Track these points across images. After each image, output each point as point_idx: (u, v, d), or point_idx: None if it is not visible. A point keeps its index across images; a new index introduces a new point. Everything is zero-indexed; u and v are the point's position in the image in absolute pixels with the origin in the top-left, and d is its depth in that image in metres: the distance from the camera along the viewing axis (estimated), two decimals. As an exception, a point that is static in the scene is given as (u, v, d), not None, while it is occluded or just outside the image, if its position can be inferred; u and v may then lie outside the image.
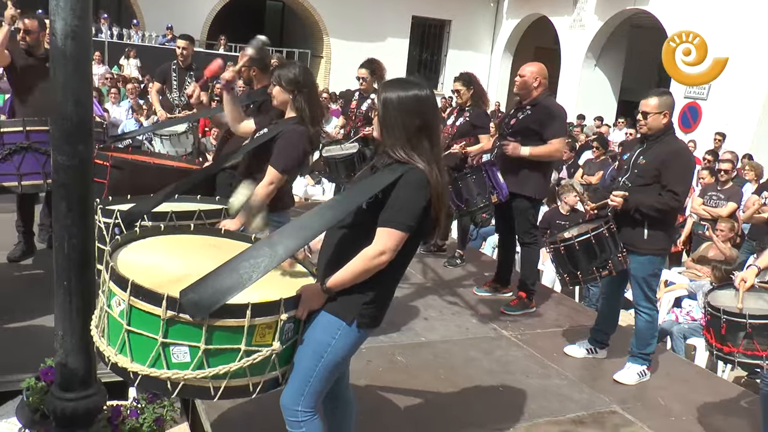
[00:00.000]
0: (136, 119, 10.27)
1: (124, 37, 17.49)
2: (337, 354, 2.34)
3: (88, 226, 2.28)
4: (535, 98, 5.03)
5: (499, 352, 4.53)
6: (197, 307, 2.03)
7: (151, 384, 2.16)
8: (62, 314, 2.31)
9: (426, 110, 2.31)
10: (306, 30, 21.93)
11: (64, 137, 2.21)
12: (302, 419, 2.37)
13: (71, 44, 2.12)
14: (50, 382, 2.62)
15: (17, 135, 4.50)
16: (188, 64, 6.58)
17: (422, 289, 5.63)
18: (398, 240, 2.24)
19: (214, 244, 2.73)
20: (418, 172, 2.25)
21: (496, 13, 22.41)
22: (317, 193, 9.71)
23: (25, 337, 3.91)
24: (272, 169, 3.34)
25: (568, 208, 7.48)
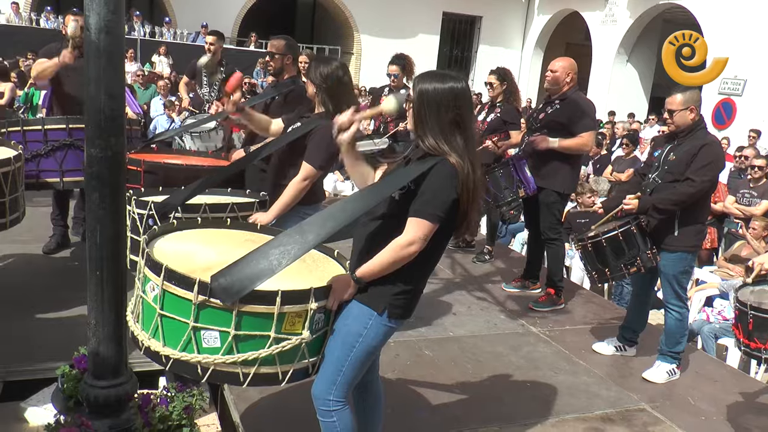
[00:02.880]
0: (168, 115, 10.41)
1: (156, 34, 17.71)
2: (368, 344, 2.37)
3: (119, 217, 2.32)
4: (563, 93, 5.00)
5: (527, 348, 4.51)
6: (227, 292, 2.08)
7: (182, 368, 2.21)
8: (94, 304, 2.35)
9: (461, 103, 2.32)
10: (336, 27, 22.00)
11: (97, 130, 2.24)
12: (333, 408, 2.40)
13: (105, 38, 2.15)
14: (83, 370, 2.68)
15: (60, 132, 4.63)
16: (218, 60, 6.65)
17: (450, 285, 5.63)
18: (427, 230, 2.26)
19: (251, 238, 2.77)
20: (449, 164, 2.26)
21: (527, 8, 22.25)
22: (346, 189, 9.72)
23: (59, 326, 4.00)
24: (308, 165, 3.36)
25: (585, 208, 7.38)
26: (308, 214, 3.29)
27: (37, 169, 4.65)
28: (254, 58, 16.54)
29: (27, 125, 4.74)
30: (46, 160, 4.66)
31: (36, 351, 3.61)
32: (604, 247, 4.14)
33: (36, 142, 4.64)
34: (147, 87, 12.50)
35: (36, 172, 4.64)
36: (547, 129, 5.00)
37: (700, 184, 3.89)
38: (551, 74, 5.01)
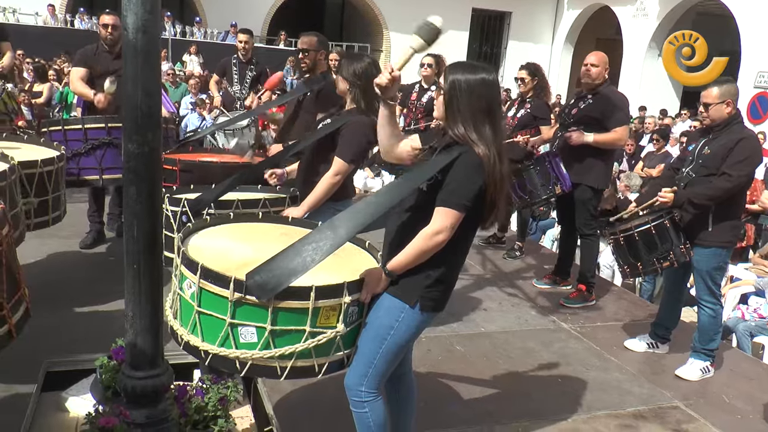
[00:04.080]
0: (199, 113, 10.53)
1: (187, 34, 17.93)
2: (400, 336, 2.39)
3: (156, 211, 2.35)
4: (596, 88, 4.96)
5: (558, 344, 4.49)
6: (262, 289, 2.12)
7: (221, 362, 2.26)
8: (132, 297, 2.38)
9: (491, 94, 2.35)
10: (365, 24, 22.03)
11: (134, 126, 2.26)
12: (366, 400, 2.43)
13: (142, 38, 2.16)
14: (121, 361, 2.73)
15: (99, 131, 4.75)
16: (249, 58, 6.72)
17: (481, 281, 5.62)
18: (454, 219, 2.27)
19: (284, 231, 2.81)
20: (474, 154, 2.28)
21: (557, 3, 22.06)
22: (376, 186, 9.73)
23: (97, 319, 4.10)
24: (339, 160, 3.38)
25: None
26: (339, 210, 3.32)
27: (78, 167, 4.78)
28: (284, 56, 16.66)
29: (67, 125, 4.87)
30: (86, 159, 4.79)
31: (75, 343, 3.70)
32: (637, 240, 4.11)
33: (76, 141, 4.76)
34: (178, 85, 12.67)
35: (77, 170, 4.78)
36: (581, 124, 4.96)
37: (736, 179, 3.83)
38: (592, 68, 4.95)
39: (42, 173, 4.02)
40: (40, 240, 5.04)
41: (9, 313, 2.30)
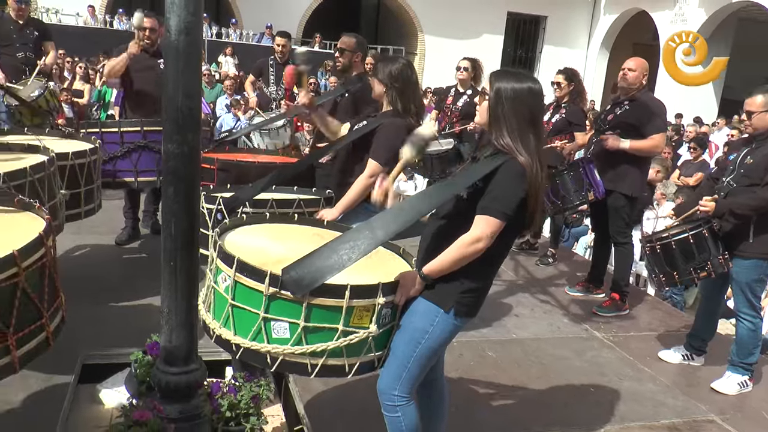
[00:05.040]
0: (234, 114, 10.64)
1: (223, 35, 18.14)
2: (434, 341, 2.38)
3: (194, 210, 2.37)
4: (633, 94, 4.89)
5: (591, 352, 4.44)
6: (298, 285, 2.13)
7: (252, 356, 2.28)
8: (168, 293, 2.40)
9: (537, 104, 2.35)
10: (400, 27, 22.06)
11: (175, 127, 2.27)
12: (398, 404, 2.42)
13: (184, 39, 2.17)
14: (156, 356, 2.76)
15: (135, 134, 4.83)
16: (285, 60, 6.77)
17: (514, 287, 5.59)
18: (495, 227, 2.26)
19: (318, 233, 2.82)
20: (517, 163, 2.27)
21: (593, 8, 21.84)
22: (410, 189, 9.72)
23: (131, 314, 4.17)
24: (374, 161, 3.38)
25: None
26: (373, 211, 3.33)
27: (114, 170, 4.86)
28: (319, 58, 16.75)
29: (105, 127, 4.97)
30: (122, 161, 4.89)
31: (110, 337, 3.76)
32: (673, 249, 4.04)
33: (113, 143, 4.85)
34: (213, 86, 12.82)
35: (113, 172, 4.85)
36: (616, 130, 4.90)
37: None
38: (629, 72, 4.88)
39: (74, 166, 4.09)
40: (77, 235, 5.14)
41: (48, 321, 2.33)
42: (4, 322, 2.10)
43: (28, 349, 2.21)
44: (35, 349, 2.25)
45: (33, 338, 2.24)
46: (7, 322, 2.10)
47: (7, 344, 2.11)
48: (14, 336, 2.13)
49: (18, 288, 2.12)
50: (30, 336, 2.23)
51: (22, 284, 2.13)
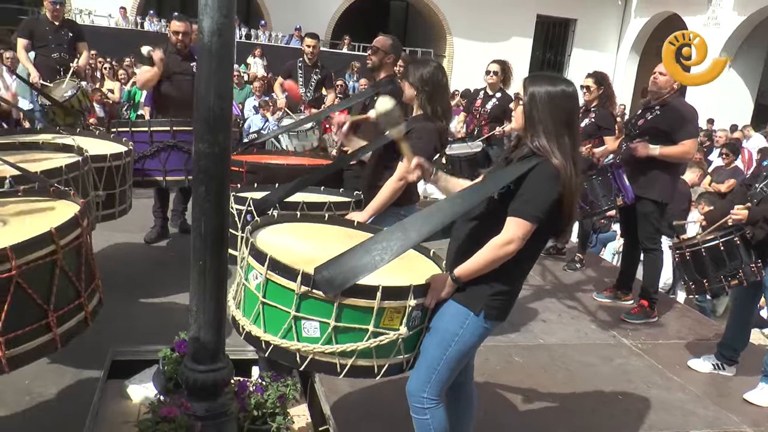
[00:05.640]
0: (262, 115, 10.72)
1: (252, 37, 18.27)
2: (464, 344, 2.38)
3: (224, 210, 2.39)
4: (665, 99, 4.83)
5: (619, 359, 4.38)
6: (330, 284, 2.14)
7: (282, 354, 2.29)
8: (196, 292, 2.42)
9: (571, 106, 2.34)
10: (429, 29, 22.04)
11: (206, 127, 2.29)
12: (427, 406, 2.42)
13: (217, 41, 2.18)
14: (183, 354, 2.80)
15: (165, 134, 4.90)
16: (314, 61, 6.81)
17: (541, 291, 5.54)
18: (526, 230, 2.25)
19: (349, 234, 2.84)
20: (551, 165, 2.26)
21: (623, 11, 21.60)
22: (436, 192, 9.70)
23: (160, 311, 4.21)
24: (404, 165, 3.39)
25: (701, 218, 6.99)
26: (403, 214, 3.33)
27: (143, 169, 4.93)
28: (347, 60, 16.81)
29: (135, 127, 5.04)
30: (151, 160, 4.96)
31: (138, 333, 3.81)
32: (703, 256, 3.98)
33: (142, 143, 4.92)
34: (242, 87, 12.92)
35: (142, 171, 4.92)
36: (647, 136, 4.83)
37: None
38: (660, 76, 4.82)
39: (110, 167, 4.17)
40: (107, 233, 5.21)
41: (86, 301, 2.39)
42: (45, 300, 2.16)
43: (68, 328, 2.28)
44: (75, 328, 2.32)
45: (72, 317, 2.31)
46: (48, 299, 2.17)
47: (48, 321, 2.18)
48: (55, 314, 2.20)
49: (56, 266, 2.19)
50: (69, 315, 2.29)
51: (60, 262, 2.20)
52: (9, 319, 2.05)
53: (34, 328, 2.14)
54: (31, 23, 6.94)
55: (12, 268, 2.02)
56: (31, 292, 2.11)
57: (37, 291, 2.13)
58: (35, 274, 2.11)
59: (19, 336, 2.10)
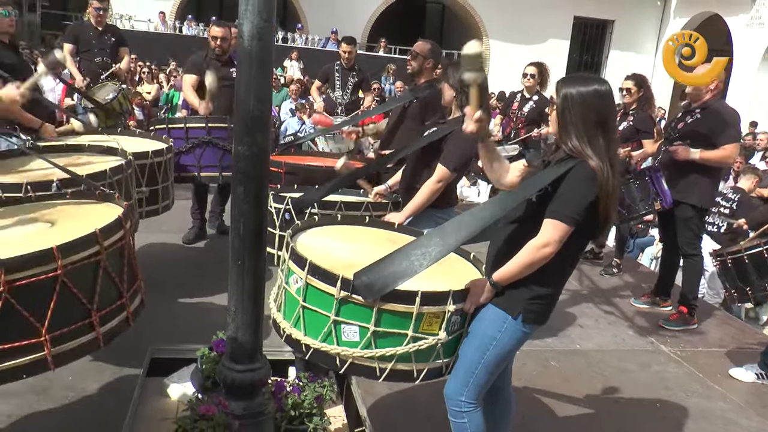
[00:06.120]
0: (299, 117, 10.80)
1: (289, 40, 18.41)
2: (502, 348, 2.37)
3: (262, 211, 2.41)
4: (705, 101, 4.73)
5: (657, 366, 4.32)
6: (369, 290, 2.15)
7: (321, 358, 2.31)
8: (235, 292, 2.44)
9: (604, 106, 2.31)
10: (465, 31, 21.93)
11: (245, 129, 2.32)
12: (465, 410, 2.42)
13: (257, 45, 2.20)
14: (221, 353, 2.83)
15: (200, 130, 4.97)
16: (351, 65, 6.85)
17: (578, 296, 5.49)
18: (563, 232, 2.23)
19: (390, 237, 2.85)
20: (587, 167, 2.24)
21: (662, 12, 21.22)
22: (472, 195, 9.66)
23: (198, 311, 4.28)
24: (443, 167, 3.39)
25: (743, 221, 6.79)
26: (440, 217, 3.33)
27: (178, 164, 5.01)
28: (383, 63, 16.83)
29: (171, 123, 5.13)
30: (186, 156, 5.04)
31: (176, 332, 3.88)
32: (746, 263, 3.91)
33: (179, 139, 5.00)
34: (279, 90, 13.04)
35: (177, 167, 5.00)
36: (687, 139, 4.75)
37: None
38: None
39: (153, 164, 4.25)
40: (145, 233, 5.30)
41: (128, 302, 2.44)
42: (89, 299, 2.21)
43: (111, 327, 2.33)
44: (117, 327, 2.37)
45: (114, 317, 2.36)
46: (91, 299, 2.23)
47: (92, 321, 2.23)
48: (98, 313, 2.25)
49: (100, 267, 2.24)
50: (112, 314, 2.34)
51: (104, 263, 2.25)
52: (55, 317, 2.10)
53: (78, 327, 2.20)
54: (76, 28, 7.12)
55: (58, 267, 2.07)
56: (76, 291, 2.16)
57: (81, 290, 2.18)
58: (80, 274, 2.16)
59: (65, 334, 2.15)
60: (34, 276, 2.02)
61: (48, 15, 18.98)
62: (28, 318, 2.05)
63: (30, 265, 2.02)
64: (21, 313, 2.03)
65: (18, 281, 1.99)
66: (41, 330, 2.07)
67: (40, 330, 2.07)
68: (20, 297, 2.01)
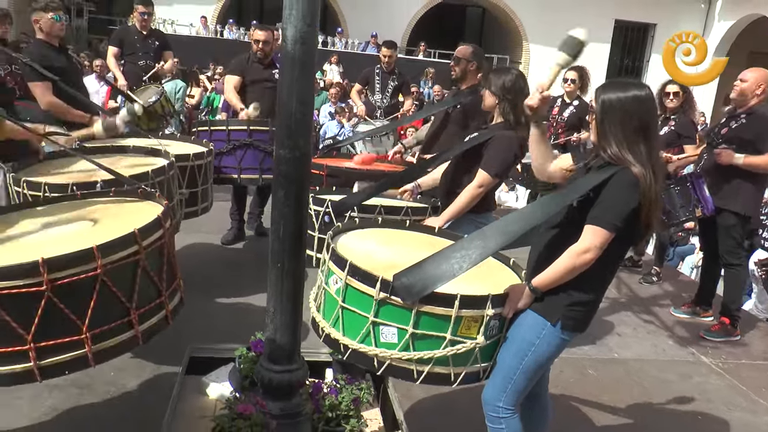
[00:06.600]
0: (338, 121, 10.85)
1: (328, 44, 18.52)
2: (540, 354, 2.36)
3: (302, 214, 2.43)
4: (751, 107, 4.63)
5: (698, 378, 4.23)
6: (408, 291, 2.16)
7: (359, 358, 2.32)
8: (274, 294, 2.46)
9: (645, 111, 2.27)
10: (505, 36, 21.81)
11: (287, 132, 2.33)
12: (503, 416, 2.42)
13: (300, 49, 2.22)
14: (259, 353, 2.86)
15: (242, 132, 5.04)
16: (391, 69, 6.87)
17: (616, 304, 5.42)
18: (604, 238, 2.21)
19: (430, 241, 2.84)
20: (630, 173, 2.21)
21: (706, 15, 20.78)
22: (510, 200, 9.59)
23: (236, 311, 4.34)
24: (484, 172, 3.38)
25: None
26: (479, 221, 3.32)
27: (219, 166, 5.09)
28: (422, 66, 16.81)
29: (213, 125, 5.21)
30: (227, 158, 5.11)
31: (215, 331, 3.95)
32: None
33: (220, 141, 5.08)
34: (318, 93, 13.13)
35: (218, 168, 5.08)
36: (730, 145, 4.65)
37: None
38: (740, 84, 4.64)
39: (193, 167, 4.32)
40: (185, 234, 5.39)
41: (167, 300, 2.47)
42: (128, 298, 2.25)
43: (150, 325, 2.36)
44: (156, 326, 2.40)
45: (153, 315, 2.39)
46: (130, 297, 2.26)
47: (131, 319, 2.27)
48: (137, 311, 2.28)
49: (139, 266, 2.27)
50: (151, 313, 2.38)
51: (143, 262, 2.28)
52: (95, 315, 2.14)
53: (118, 325, 2.23)
54: (121, 33, 7.28)
55: (98, 266, 2.10)
56: (115, 290, 2.19)
57: (120, 289, 2.21)
58: (119, 273, 2.20)
59: (105, 332, 2.18)
60: (74, 275, 2.06)
61: (94, 20, 19.43)
62: (69, 316, 2.09)
63: (71, 265, 2.06)
64: (63, 311, 2.07)
65: (60, 280, 2.03)
66: (82, 328, 2.11)
67: (80, 327, 2.11)
68: (62, 295, 2.05)
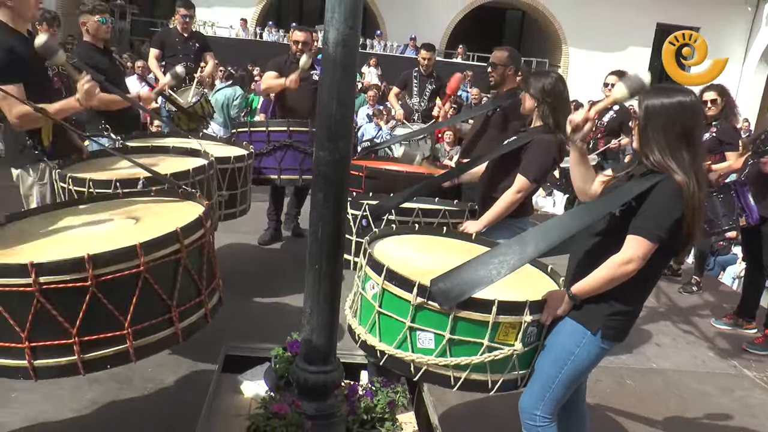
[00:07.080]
0: (376, 123, 10.86)
1: (367, 47, 18.57)
2: (579, 363, 2.33)
3: (341, 216, 2.43)
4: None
5: (740, 392, 4.13)
6: (446, 297, 2.15)
7: (396, 364, 2.32)
8: (311, 295, 2.47)
9: (688, 118, 2.23)
10: (544, 39, 21.63)
11: (327, 134, 2.34)
12: (540, 424, 2.39)
13: (341, 51, 2.22)
14: (295, 353, 2.87)
15: (281, 134, 5.08)
16: (429, 72, 6.85)
17: (655, 314, 5.33)
18: (647, 249, 2.17)
19: (467, 248, 2.83)
20: (673, 182, 2.17)
21: (753, 18, 20.29)
22: (548, 205, 9.51)
23: (272, 311, 4.37)
24: (523, 177, 3.36)
25: None
26: (517, 226, 3.29)
27: (259, 166, 5.13)
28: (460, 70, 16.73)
29: (253, 127, 5.26)
30: (267, 159, 5.15)
31: (251, 330, 3.97)
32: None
33: (260, 142, 5.12)
34: (357, 96, 13.14)
35: (258, 169, 5.12)
36: (777, 153, 4.54)
37: None
38: None
39: (233, 169, 4.36)
40: (222, 234, 5.45)
41: (206, 299, 2.50)
42: (169, 296, 2.28)
43: (189, 323, 2.39)
44: (195, 324, 2.43)
45: (193, 313, 2.42)
46: (171, 295, 2.29)
47: (171, 316, 2.30)
48: (177, 309, 2.31)
49: (180, 264, 2.30)
50: (191, 311, 2.41)
51: (184, 261, 2.31)
52: (137, 312, 2.17)
53: (159, 322, 2.27)
54: (162, 35, 7.40)
55: (140, 264, 2.14)
56: (157, 287, 2.23)
57: (162, 287, 2.24)
58: (161, 271, 2.23)
59: (146, 328, 2.22)
60: (118, 271, 2.10)
61: (137, 22, 19.80)
62: (112, 311, 2.13)
63: (115, 261, 2.10)
64: (106, 307, 2.11)
65: (104, 276, 2.07)
66: (124, 323, 2.15)
67: (123, 323, 2.15)
68: (106, 291, 2.09)
